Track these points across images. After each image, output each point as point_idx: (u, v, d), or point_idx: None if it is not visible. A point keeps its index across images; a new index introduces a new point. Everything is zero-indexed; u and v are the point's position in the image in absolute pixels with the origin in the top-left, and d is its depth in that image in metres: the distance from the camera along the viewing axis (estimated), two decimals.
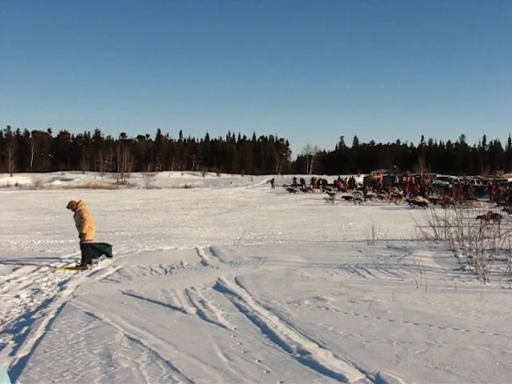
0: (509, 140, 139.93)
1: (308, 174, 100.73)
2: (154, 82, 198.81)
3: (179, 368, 5.62)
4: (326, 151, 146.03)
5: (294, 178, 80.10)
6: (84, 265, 12.98)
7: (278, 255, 14.25)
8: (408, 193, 47.22)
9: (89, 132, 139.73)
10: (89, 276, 12.05)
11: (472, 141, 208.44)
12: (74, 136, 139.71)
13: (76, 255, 14.34)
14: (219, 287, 10.12)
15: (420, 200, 37.52)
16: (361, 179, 71.35)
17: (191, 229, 22.55)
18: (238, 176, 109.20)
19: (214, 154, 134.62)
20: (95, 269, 12.89)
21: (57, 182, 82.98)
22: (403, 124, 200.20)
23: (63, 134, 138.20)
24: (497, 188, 45.39)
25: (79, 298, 9.48)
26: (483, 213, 23.15)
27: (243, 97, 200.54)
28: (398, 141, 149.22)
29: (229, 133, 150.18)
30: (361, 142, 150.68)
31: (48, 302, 9.33)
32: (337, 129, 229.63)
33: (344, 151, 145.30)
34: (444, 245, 15.43)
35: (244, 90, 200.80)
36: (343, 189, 58.54)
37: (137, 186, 79.31)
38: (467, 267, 12.00)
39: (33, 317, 8.30)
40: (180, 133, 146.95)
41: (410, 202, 36.92)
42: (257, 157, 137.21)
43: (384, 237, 17.21)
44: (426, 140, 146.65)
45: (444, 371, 5.40)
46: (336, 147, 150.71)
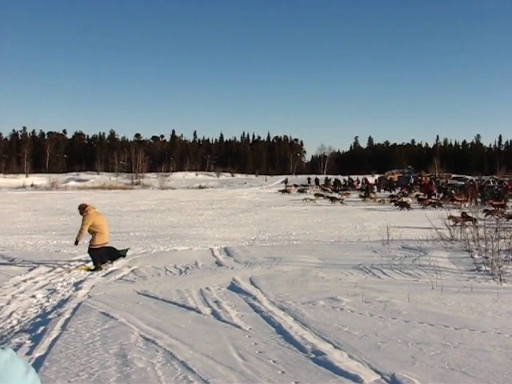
0: None
1: (322, 175, 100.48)
2: (169, 83, 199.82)
3: (194, 368, 5.63)
4: (341, 151, 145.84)
5: (309, 179, 79.98)
6: (98, 267, 12.97)
7: (293, 255, 14.22)
8: (425, 194, 46.35)
9: (104, 133, 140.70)
10: (104, 276, 12.09)
11: (488, 140, 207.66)
12: (89, 137, 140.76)
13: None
14: (234, 287, 10.12)
15: (404, 200, 36.56)
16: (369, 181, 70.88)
17: (206, 229, 22.56)
18: (253, 176, 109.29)
19: (229, 155, 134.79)
20: (110, 269, 12.93)
21: (72, 183, 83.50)
22: (418, 124, 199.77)
23: (78, 135, 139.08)
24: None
25: (94, 298, 9.52)
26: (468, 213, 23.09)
27: (258, 97, 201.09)
28: (413, 141, 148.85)
29: (243, 133, 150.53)
30: (375, 142, 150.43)
31: (64, 302, 9.38)
32: (351, 129, 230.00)
33: (358, 151, 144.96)
34: (459, 245, 15.32)
35: (258, 91, 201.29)
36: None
37: (151, 187, 79.62)
38: (483, 268, 11.90)
39: (49, 317, 8.35)
40: (194, 133, 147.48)
41: (394, 203, 35.73)
42: (271, 157, 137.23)
43: (399, 237, 17.13)
44: (441, 140, 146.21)
45: (460, 373, 5.36)
46: (350, 147, 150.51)
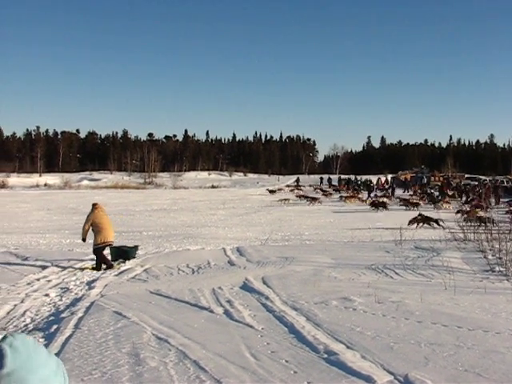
0: None
1: (335, 174, 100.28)
2: (182, 83, 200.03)
3: (207, 368, 5.64)
4: (353, 151, 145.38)
5: (321, 178, 79.62)
6: (109, 266, 12.93)
7: (305, 255, 14.21)
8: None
9: (116, 132, 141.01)
10: (117, 275, 12.14)
11: (501, 140, 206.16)
12: (102, 136, 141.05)
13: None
14: (246, 287, 10.12)
15: (380, 201, 35.98)
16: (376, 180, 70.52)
17: (218, 229, 22.58)
18: (265, 176, 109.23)
19: (241, 154, 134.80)
20: (123, 268, 12.97)
21: (85, 182, 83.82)
22: (431, 124, 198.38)
23: (91, 135, 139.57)
24: None
25: (107, 297, 9.56)
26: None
27: (270, 97, 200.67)
28: (426, 140, 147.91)
29: (255, 133, 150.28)
30: (388, 142, 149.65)
31: (77, 301, 9.43)
32: (364, 129, 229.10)
33: (371, 151, 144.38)
34: (473, 246, 15.25)
35: (271, 90, 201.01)
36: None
37: (164, 186, 79.79)
38: (497, 268, 11.83)
39: (62, 315, 8.40)
40: (207, 133, 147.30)
41: (372, 205, 34.39)
42: (284, 157, 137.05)
43: (412, 237, 17.07)
44: (455, 140, 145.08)
45: (474, 374, 5.33)
46: (363, 147, 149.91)
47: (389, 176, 78.83)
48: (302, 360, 5.88)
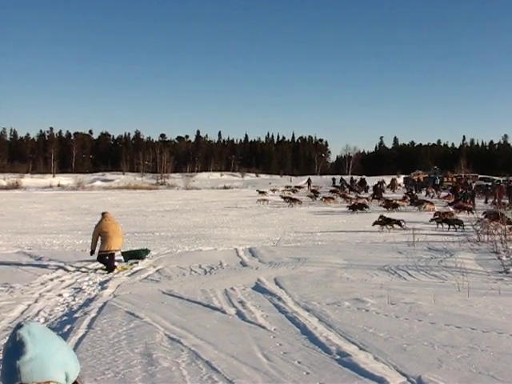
0: None
1: (347, 175, 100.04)
2: (194, 84, 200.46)
3: (219, 368, 5.64)
4: (366, 152, 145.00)
5: (333, 179, 79.19)
6: (111, 268, 12.89)
7: (318, 256, 14.18)
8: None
9: (129, 133, 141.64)
10: (129, 276, 12.18)
11: None
12: (115, 137, 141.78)
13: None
14: (259, 288, 10.12)
15: (360, 202, 35.42)
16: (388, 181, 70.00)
17: (230, 229, 22.57)
18: (277, 177, 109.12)
19: (253, 155, 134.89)
20: (136, 269, 13.01)
21: (98, 183, 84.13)
22: (444, 124, 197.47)
23: (104, 136, 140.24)
24: None
25: (120, 298, 9.59)
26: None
27: (282, 97, 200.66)
28: (439, 141, 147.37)
29: (268, 133, 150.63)
30: (401, 143, 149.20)
31: (90, 301, 9.47)
32: (376, 129, 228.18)
33: (384, 152, 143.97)
34: (486, 247, 15.15)
35: (282, 91, 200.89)
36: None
37: (176, 187, 79.88)
38: (511, 270, 11.75)
39: (75, 315, 8.44)
40: (219, 134, 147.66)
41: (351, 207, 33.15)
42: (296, 157, 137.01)
43: (425, 238, 17.01)
44: (468, 140, 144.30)
45: (488, 376, 5.30)
46: (375, 148, 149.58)
47: (401, 177, 78.48)
48: (315, 361, 5.87)
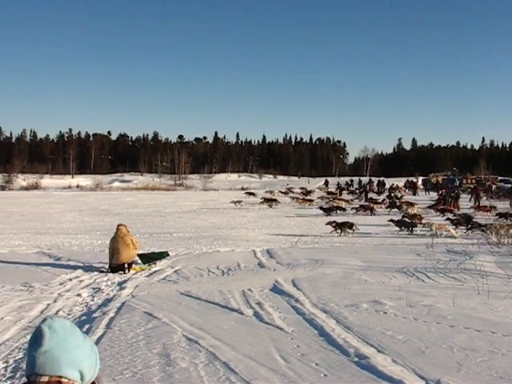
0: None
1: (365, 176, 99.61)
2: (212, 85, 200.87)
3: (236, 369, 5.64)
4: (384, 153, 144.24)
5: (351, 180, 78.90)
6: (112, 271, 12.94)
7: (336, 258, 14.15)
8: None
9: (147, 134, 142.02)
10: (147, 276, 12.22)
11: None
12: (133, 138, 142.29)
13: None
14: (276, 289, 10.11)
15: (337, 203, 34.88)
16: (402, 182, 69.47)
17: (248, 231, 22.57)
18: (295, 178, 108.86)
19: (271, 156, 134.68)
20: (154, 269, 13.06)
21: (116, 184, 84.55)
22: (463, 125, 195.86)
23: (122, 137, 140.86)
24: None
25: (138, 298, 9.63)
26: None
27: (300, 98, 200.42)
28: (458, 143, 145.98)
29: (285, 135, 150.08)
30: (419, 144, 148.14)
31: (108, 301, 9.51)
32: (395, 130, 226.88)
33: (402, 153, 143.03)
34: (507, 249, 15.02)
35: (300, 92, 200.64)
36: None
37: (194, 188, 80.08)
38: None
39: (94, 315, 8.49)
40: (237, 135, 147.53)
41: (322, 208, 31.91)
42: (314, 159, 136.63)
43: (444, 241, 16.90)
44: (488, 141, 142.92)
45: (509, 381, 5.24)
46: (394, 149, 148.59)
47: (420, 178, 77.96)
48: (333, 363, 5.85)
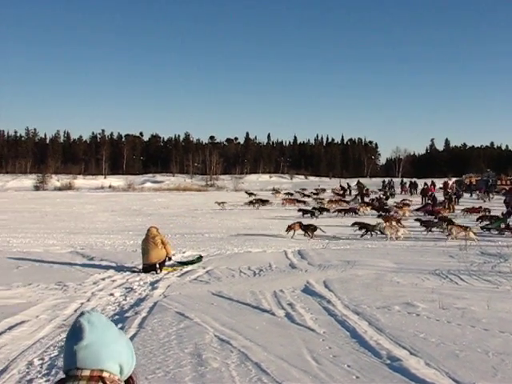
0: None
1: (397, 177, 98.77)
2: (243, 86, 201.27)
3: (268, 370, 5.65)
4: (416, 154, 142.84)
5: (384, 182, 78.11)
6: (143, 271, 13.03)
7: (367, 259, 14.07)
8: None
9: (179, 135, 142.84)
10: (179, 277, 12.30)
11: None
12: (165, 139, 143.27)
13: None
14: (308, 290, 10.09)
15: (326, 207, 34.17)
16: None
17: (279, 231, 22.55)
18: (326, 179, 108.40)
19: (302, 157, 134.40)
20: (185, 270, 13.13)
21: (148, 184, 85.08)
22: (498, 125, 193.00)
23: (154, 138, 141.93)
24: None
25: (170, 298, 9.70)
26: None
27: (332, 99, 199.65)
28: (492, 143, 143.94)
29: (317, 135, 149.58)
30: (452, 145, 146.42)
31: (140, 301, 9.60)
32: (427, 131, 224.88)
33: (435, 154, 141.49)
34: None
35: (332, 93, 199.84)
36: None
37: (225, 189, 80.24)
38: None
39: (126, 315, 8.58)
40: (268, 136, 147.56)
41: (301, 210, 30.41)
42: (345, 160, 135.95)
43: (478, 243, 16.68)
44: None
45: None
46: (426, 150, 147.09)
47: (453, 179, 76.97)
48: (365, 365, 5.82)
